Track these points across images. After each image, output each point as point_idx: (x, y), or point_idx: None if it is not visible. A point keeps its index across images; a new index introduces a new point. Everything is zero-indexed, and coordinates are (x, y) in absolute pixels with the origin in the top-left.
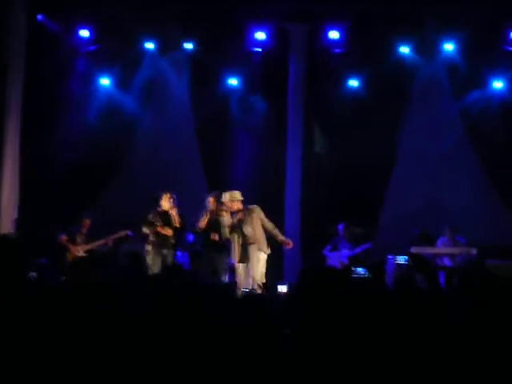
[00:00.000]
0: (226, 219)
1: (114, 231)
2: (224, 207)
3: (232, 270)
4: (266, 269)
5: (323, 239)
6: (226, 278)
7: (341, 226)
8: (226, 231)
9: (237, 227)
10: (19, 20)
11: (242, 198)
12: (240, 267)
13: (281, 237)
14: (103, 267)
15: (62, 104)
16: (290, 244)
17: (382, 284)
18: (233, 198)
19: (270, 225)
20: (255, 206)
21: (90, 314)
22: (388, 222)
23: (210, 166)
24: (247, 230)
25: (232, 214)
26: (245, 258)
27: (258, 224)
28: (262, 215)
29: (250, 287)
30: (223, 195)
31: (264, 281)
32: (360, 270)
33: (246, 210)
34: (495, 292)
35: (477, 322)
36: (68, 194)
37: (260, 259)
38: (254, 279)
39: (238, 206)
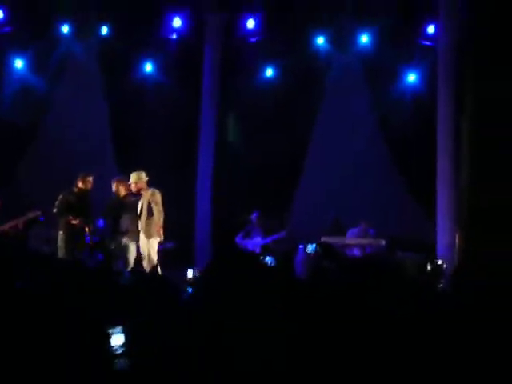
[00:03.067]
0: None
1: (25, 213)
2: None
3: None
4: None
5: (235, 227)
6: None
7: (254, 214)
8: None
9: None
10: None
11: (147, 179)
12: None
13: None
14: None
15: None
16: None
17: (289, 273)
18: (138, 180)
19: (156, 212)
20: (154, 190)
21: None
22: (301, 211)
23: (121, 152)
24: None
25: (137, 194)
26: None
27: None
28: (156, 200)
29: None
30: (131, 176)
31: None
32: (268, 258)
33: (145, 192)
34: (403, 284)
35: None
36: None
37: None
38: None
39: (142, 186)
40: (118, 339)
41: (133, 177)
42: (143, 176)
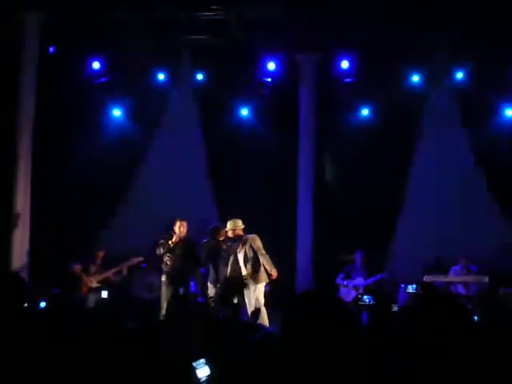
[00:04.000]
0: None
1: (128, 258)
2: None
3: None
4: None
5: (335, 268)
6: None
7: (358, 254)
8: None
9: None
10: (31, 52)
11: (243, 226)
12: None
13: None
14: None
15: (74, 135)
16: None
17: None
18: (235, 227)
19: (262, 257)
20: (253, 235)
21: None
22: (402, 250)
23: (221, 198)
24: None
25: (233, 241)
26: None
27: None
28: (258, 245)
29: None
30: (228, 223)
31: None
32: (365, 297)
33: (245, 238)
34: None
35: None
36: (80, 223)
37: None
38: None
39: (239, 233)
40: (203, 371)
41: (229, 224)
42: (239, 223)
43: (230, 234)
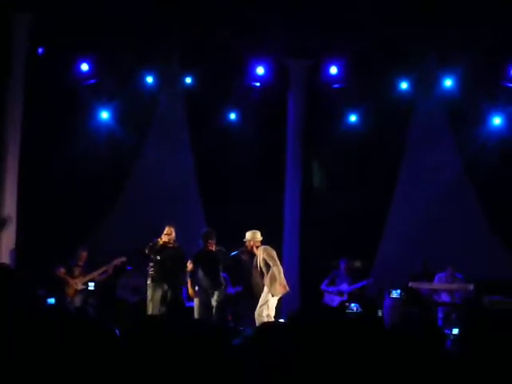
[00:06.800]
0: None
1: (111, 260)
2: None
3: None
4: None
5: (322, 274)
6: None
7: (342, 261)
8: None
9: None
10: (20, 53)
11: (261, 238)
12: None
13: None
14: None
15: (62, 136)
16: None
17: (376, 320)
18: (253, 238)
19: (274, 269)
20: (266, 246)
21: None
22: (387, 257)
23: (208, 201)
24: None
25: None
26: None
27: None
28: (270, 255)
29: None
30: (246, 234)
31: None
32: (353, 305)
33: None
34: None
35: (477, 359)
36: (66, 225)
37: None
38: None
39: (256, 244)
40: None
41: (248, 235)
42: (258, 235)
43: (247, 245)
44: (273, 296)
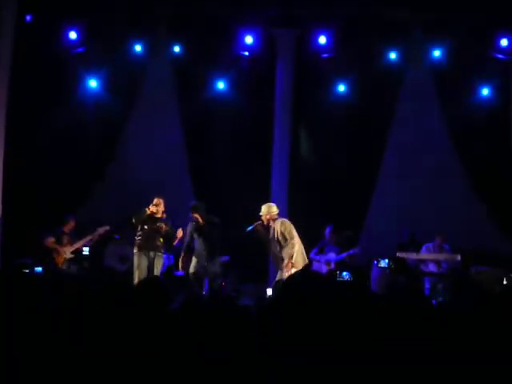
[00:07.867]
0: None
1: (95, 229)
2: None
3: None
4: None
5: (310, 242)
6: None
7: (327, 229)
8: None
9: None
10: (8, 20)
11: (278, 211)
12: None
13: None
14: None
15: (50, 105)
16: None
17: (365, 288)
18: (268, 212)
19: (290, 244)
20: (283, 220)
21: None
22: (375, 226)
23: (196, 171)
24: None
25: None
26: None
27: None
28: (287, 229)
29: None
30: (262, 207)
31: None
32: (344, 274)
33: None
34: (478, 298)
35: (464, 326)
36: (53, 193)
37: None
38: None
39: (272, 217)
40: None
41: (264, 209)
42: (274, 209)
43: (263, 219)
44: (292, 267)
